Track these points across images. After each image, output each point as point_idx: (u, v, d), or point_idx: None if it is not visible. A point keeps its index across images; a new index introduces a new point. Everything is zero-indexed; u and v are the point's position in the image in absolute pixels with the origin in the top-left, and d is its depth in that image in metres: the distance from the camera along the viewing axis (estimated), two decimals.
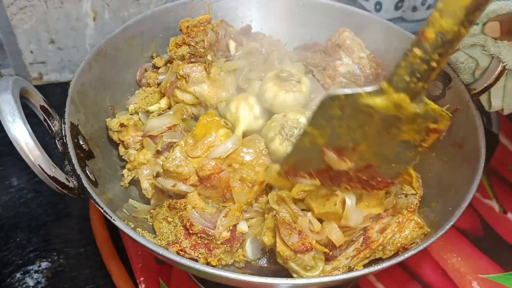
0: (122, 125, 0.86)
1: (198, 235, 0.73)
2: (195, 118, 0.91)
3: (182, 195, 0.78)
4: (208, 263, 0.75)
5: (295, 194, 0.69)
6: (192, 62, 0.90)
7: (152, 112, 0.90)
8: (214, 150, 0.76)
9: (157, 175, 0.79)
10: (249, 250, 0.78)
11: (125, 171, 0.86)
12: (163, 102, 0.92)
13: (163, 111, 0.91)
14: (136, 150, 0.86)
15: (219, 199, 0.78)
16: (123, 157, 0.88)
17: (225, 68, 0.90)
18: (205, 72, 0.88)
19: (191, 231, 0.73)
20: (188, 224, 0.73)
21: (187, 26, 0.95)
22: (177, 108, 0.88)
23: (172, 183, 0.77)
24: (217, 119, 0.79)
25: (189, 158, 0.76)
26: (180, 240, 0.73)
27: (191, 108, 0.90)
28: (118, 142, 0.88)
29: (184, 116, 0.88)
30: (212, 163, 0.75)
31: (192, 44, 0.92)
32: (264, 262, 0.81)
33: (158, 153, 0.84)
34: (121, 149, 0.88)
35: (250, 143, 0.77)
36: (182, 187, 0.77)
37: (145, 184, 0.83)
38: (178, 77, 0.89)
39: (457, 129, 0.87)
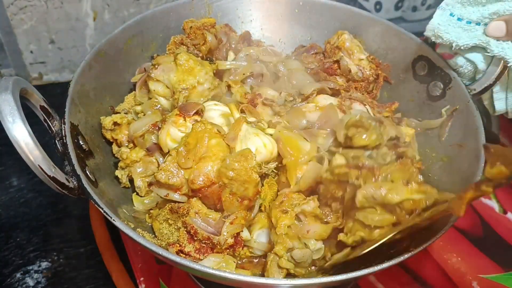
0: (115, 123, 0.87)
1: (202, 241, 0.74)
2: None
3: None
4: None
5: None
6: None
7: (138, 112, 0.90)
8: (205, 166, 0.75)
9: (151, 183, 0.80)
10: (256, 245, 0.79)
11: (117, 172, 0.86)
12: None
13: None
14: (129, 148, 0.86)
15: (211, 207, 0.78)
16: (116, 155, 0.88)
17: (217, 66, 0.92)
18: (174, 62, 0.87)
19: (195, 238, 0.73)
20: (192, 231, 0.73)
21: (191, 27, 0.95)
22: (148, 104, 0.89)
23: (165, 193, 0.78)
24: (210, 127, 0.77)
25: (181, 169, 0.76)
26: (183, 245, 0.73)
27: (163, 100, 0.90)
28: (111, 140, 0.88)
29: (157, 107, 0.88)
30: (203, 177, 0.74)
31: (189, 46, 0.92)
32: None
33: (149, 151, 0.84)
34: (114, 147, 0.88)
35: (241, 158, 0.73)
36: (175, 196, 0.77)
37: (139, 182, 0.83)
38: (151, 67, 0.89)
39: (457, 129, 0.87)
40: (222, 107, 0.86)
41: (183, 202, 0.78)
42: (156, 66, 0.88)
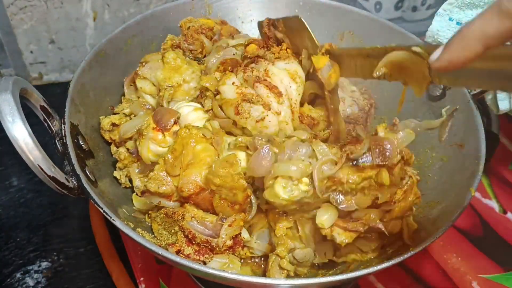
0: (114, 124, 0.87)
1: (201, 244, 0.73)
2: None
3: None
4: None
5: None
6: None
7: (128, 114, 0.90)
8: (192, 173, 0.74)
9: (143, 192, 0.80)
10: (256, 246, 0.79)
11: (116, 172, 0.86)
12: None
13: None
14: (127, 148, 0.86)
15: (206, 211, 0.77)
16: (114, 155, 0.88)
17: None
18: (161, 60, 0.88)
19: (193, 242, 0.73)
20: (190, 235, 0.73)
21: (188, 28, 0.95)
22: (138, 105, 0.88)
23: (158, 200, 0.78)
24: (195, 132, 0.76)
25: (169, 176, 0.76)
26: (182, 248, 0.73)
27: (149, 98, 0.90)
28: (109, 141, 0.88)
29: (148, 107, 0.88)
30: (191, 185, 0.74)
31: (186, 50, 0.92)
32: None
33: (133, 154, 0.84)
34: (113, 148, 0.88)
35: (226, 165, 0.72)
36: (167, 203, 0.77)
37: (137, 182, 0.83)
38: (139, 64, 0.89)
39: (457, 129, 0.87)
40: (193, 104, 0.86)
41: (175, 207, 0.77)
42: (144, 64, 0.88)
